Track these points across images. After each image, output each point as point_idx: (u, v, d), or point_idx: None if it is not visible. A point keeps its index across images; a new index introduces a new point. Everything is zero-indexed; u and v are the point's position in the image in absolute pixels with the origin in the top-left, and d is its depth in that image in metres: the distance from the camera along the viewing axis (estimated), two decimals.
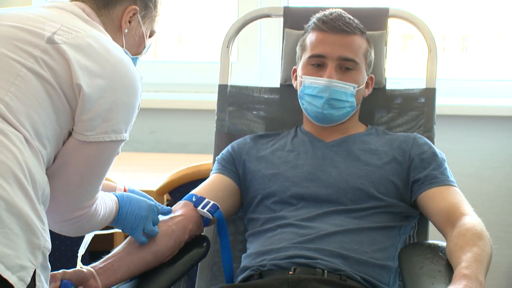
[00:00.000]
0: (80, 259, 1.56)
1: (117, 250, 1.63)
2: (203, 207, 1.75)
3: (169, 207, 1.71)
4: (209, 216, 1.75)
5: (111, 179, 2.14)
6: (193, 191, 1.82)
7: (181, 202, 1.78)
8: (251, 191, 1.86)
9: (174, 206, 1.77)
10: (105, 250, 1.70)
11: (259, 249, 1.75)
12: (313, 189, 1.79)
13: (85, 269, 1.55)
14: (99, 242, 2.33)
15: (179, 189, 2.28)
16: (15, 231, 1.18)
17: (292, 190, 1.80)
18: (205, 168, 2.19)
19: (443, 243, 1.67)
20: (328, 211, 1.76)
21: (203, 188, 1.84)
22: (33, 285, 1.21)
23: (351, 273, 1.66)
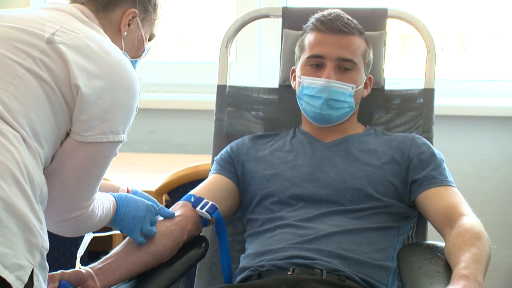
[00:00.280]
0: (79, 260, 1.56)
1: (116, 250, 1.63)
2: (202, 208, 1.75)
3: (172, 211, 1.70)
4: (208, 216, 1.75)
5: (110, 180, 2.15)
6: (192, 192, 1.82)
7: (180, 202, 1.78)
8: (250, 192, 1.86)
9: (172, 206, 1.77)
10: (104, 250, 1.69)
11: (258, 250, 1.75)
12: (312, 190, 1.79)
13: (84, 270, 1.55)
14: (98, 242, 2.33)
15: (178, 190, 2.28)
16: (13, 230, 1.18)
17: (291, 190, 1.80)
18: (204, 168, 2.19)
19: (441, 244, 1.67)
20: (327, 212, 1.76)
21: (202, 188, 1.84)
22: (31, 284, 1.21)
23: (349, 273, 1.66)
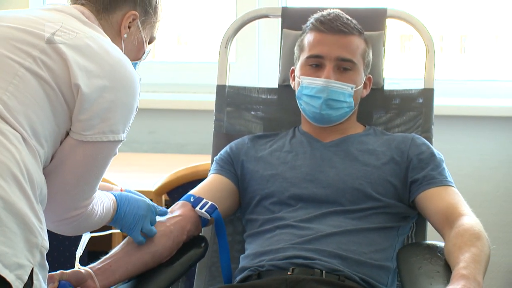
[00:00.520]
0: (78, 260, 1.56)
1: (115, 250, 1.62)
2: (201, 208, 1.74)
3: (165, 208, 1.71)
4: (207, 216, 1.75)
5: (109, 180, 2.15)
6: (191, 192, 1.82)
7: (179, 202, 1.77)
8: (249, 192, 1.86)
9: (172, 206, 1.77)
10: (103, 250, 1.69)
11: (257, 250, 1.75)
12: (312, 190, 1.79)
13: (83, 270, 1.54)
14: (97, 242, 2.32)
15: (177, 190, 2.28)
16: (13, 229, 1.18)
17: (290, 191, 1.80)
18: (203, 168, 2.19)
19: (441, 244, 1.67)
20: (326, 212, 1.76)
21: (201, 188, 1.84)
22: (31, 283, 1.21)
23: (349, 273, 1.66)
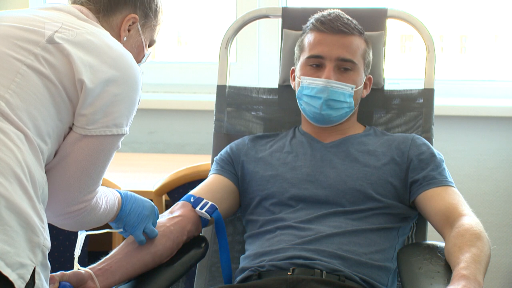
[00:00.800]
0: (76, 261, 1.56)
1: (115, 251, 1.62)
2: (201, 208, 1.74)
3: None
4: (207, 216, 1.75)
5: (110, 180, 2.15)
6: (191, 192, 1.82)
7: (179, 202, 1.77)
8: (249, 192, 1.86)
9: (172, 207, 1.77)
10: (104, 250, 1.69)
11: (258, 250, 1.75)
12: (312, 191, 1.79)
13: (84, 271, 1.54)
14: (98, 243, 2.33)
15: (177, 190, 2.28)
16: (14, 228, 1.18)
17: (290, 191, 1.80)
18: (204, 168, 2.19)
19: (441, 244, 1.67)
20: (326, 213, 1.75)
21: (202, 188, 1.84)
22: (32, 283, 1.21)
23: (349, 273, 1.66)
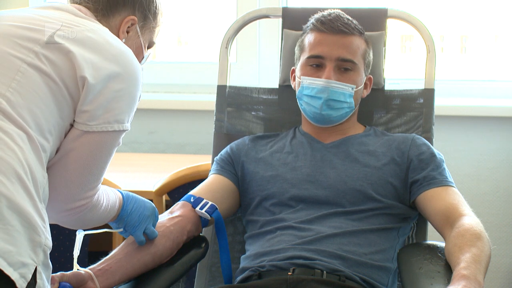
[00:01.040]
0: (76, 261, 1.55)
1: (115, 252, 1.62)
2: (201, 208, 1.74)
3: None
4: (207, 216, 1.75)
5: (110, 180, 2.15)
6: (192, 192, 1.82)
7: (179, 203, 1.77)
8: (249, 193, 1.86)
9: (172, 207, 1.77)
10: (104, 251, 1.69)
11: (258, 251, 1.74)
12: (312, 191, 1.79)
13: (83, 271, 1.54)
14: (98, 243, 2.33)
15: (178, 190, 2.28)
16: (16, 228, 1.18)
17: (291, 192, 1.80)
18: (204, 168, 2.19)
19: (442, 244, 1.67)
20: (327, 213, 1.75)
21: (202, 188, 1.84)
22: (34, 282, 1.21)
23: (350, 273, 1.66)
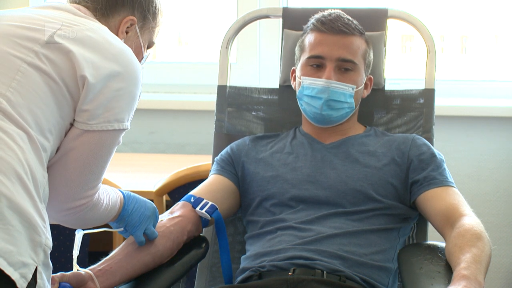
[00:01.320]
0: (75, 262, 1.55)
1: (115, 252, 1.62)
2: (202, 208, 1.74)
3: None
4: (208, 217, 1.75)
5: (110, 180, 2.15)
6: (192, 192, 1.82)
7: (180, 203, 1.77)
8: (250, 193, 1.86)
9: (172, 207, 1.77)
10: (104, 251, 1.69)
11: (258, 251, 1.74)
12: (313, 192, 1.79)
13: (84, 272, 1.54)
14: (98, 243, 2.33)
15: (178, 190, 2.28)
16: (17, 228, 1.18)
17: (291, 192, 1.80)
18: (204, 169, 2.19)
19: (442, 244, 1.67)
20: (327, 214, 1.75)
21: (202, 189, 1.84)
22: (34, 282, 1.21)
23: (350, 274, 1.66)
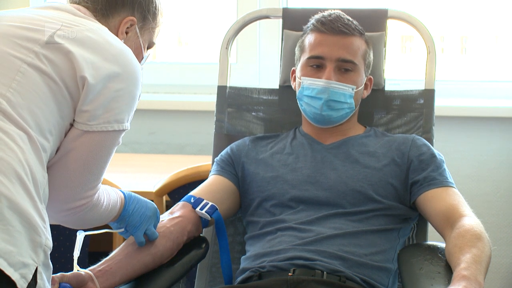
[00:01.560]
0: (76, 262, 1.55)
1: (116, 252, 1.62)
2: (202, 208, 1.74)
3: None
4: (208, 217, 1.75)
5: (110, 180, 2.15)
6: (192, 192, 1.82)
7: (180, 203, 1.77)
8: (250, 194, 1.86)
9: (172, 207, 1.77)
10: (104, 251, 1.69)
11: (258, 251, 1.74)
12: (313, 192, 1.79)
13: (84, 272, 1.54)
14: (98, 243, 2.33)
15: (178, 191, 2.28)
16: (17, 228, 1.18)
17: (291, 193, 1.80)
18: (204, 169, 2.19)
19: (442, 244, 1.67)
20: (327, 214, 1.75)
21: (202, 189, 1.84)
22: (34, 283, 1.21)
23: (350, 274, 1.66)
